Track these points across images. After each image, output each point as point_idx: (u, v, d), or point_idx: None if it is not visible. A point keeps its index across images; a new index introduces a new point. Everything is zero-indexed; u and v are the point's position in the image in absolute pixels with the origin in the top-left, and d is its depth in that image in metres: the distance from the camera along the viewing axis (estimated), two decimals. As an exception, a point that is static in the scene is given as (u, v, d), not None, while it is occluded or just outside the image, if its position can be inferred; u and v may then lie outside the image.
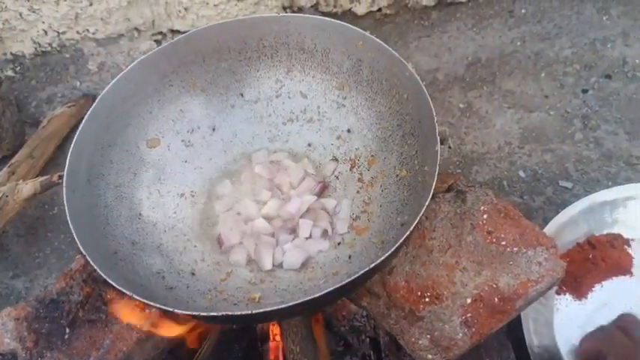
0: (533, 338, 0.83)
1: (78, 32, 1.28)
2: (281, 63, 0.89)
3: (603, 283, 0.90)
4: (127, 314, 0.72)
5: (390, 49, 0.78)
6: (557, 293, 0.89)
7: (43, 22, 1.25)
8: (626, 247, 0.92)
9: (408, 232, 0.63)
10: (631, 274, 0.90)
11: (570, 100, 1.22)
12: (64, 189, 0.69)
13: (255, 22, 0.85)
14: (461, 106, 1.25)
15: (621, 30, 1.31)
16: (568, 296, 0.89)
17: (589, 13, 1.35)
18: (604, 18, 1.33)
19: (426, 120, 0.73)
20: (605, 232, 0.94)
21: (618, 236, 0.93)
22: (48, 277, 1.06)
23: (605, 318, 0.86)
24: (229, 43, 0.86)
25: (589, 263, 0.90)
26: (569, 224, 0.93)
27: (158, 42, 1.32)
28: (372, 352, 0.89)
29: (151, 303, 0.59)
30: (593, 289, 0.89)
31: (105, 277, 0.61)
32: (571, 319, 0.87)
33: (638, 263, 0.90)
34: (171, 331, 0.72)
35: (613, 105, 1.20)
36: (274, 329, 0.89)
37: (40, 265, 1.08)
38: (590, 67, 1.26)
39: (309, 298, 0.58)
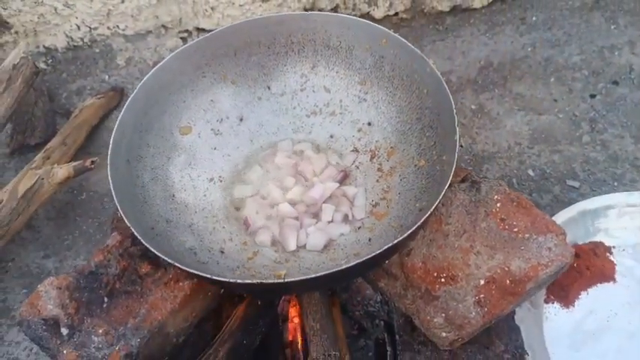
0: (525, 346, 0.86)
1: (109, 28, 1.34)
2: (307, 58, 0.94)
3: (589, 290, 0.93)
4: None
5: (412, 46, 0.84)
6: (546, 302, 0.92)
7: (77, 18, 1.31)
8: (608, 254, 0.95)
9: (427, 215, 0.68)
10: (614, 280, 0.93)
11: (578, 104, 1.27)
12: (109, 167, 0.75)
13: (284, 20, 0.91)
14: (473, 107, 1.30)
15: (628, 39, 1.36)
16: (556, 305, 0.92)
17: (597, 22, 1.40)
18: (612, 27, 1.39)
19: (445, 113, 0.78)
20: (588, 240, 0.97)
21: (600, 244, 0.96)
22: (76, 259, 1.11)
23: (592, 324, 0.90)
24: (260, 38, 0.92)
25: (574, 272, 0.93)
26: (566, 234, 0.97)
27: (184, 39, 1.38)
28: (385, 335, 0.94)
29: (193, 271, 0.64)
30: (580, 296, 0.92)
31: (149, 246, 0.66)
32: (560, 326, 0.90)
33: (621, 270, 0.94)
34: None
35: (619, 110, 1.25)
36: (293, 311, 0.94)
37: (69, 247, 1.13)
38: (598, 73, 1.31)
39: (336, 269, 0.63)
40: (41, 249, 1.13)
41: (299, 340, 0.90)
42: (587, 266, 0.94)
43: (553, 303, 0.93)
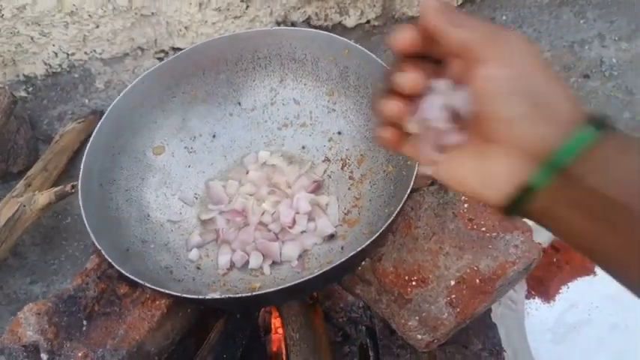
0: (506, 344, 0.86)
1: (86, 53, 1.36)
2: (274, 73, 0.96)
3: (569, 284, 0.94)
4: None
5: (373, 55, 0.85)
6: (527, 298, 0.93)
7: (53, 45, 1.33)
8: None
9: (390, 220, 0.70)
10: (594, 273, 0.94)
11: (551, 99, 1.29)
12: (80, 193, 0.76)
13: (249, 36, 0.93)
14: (448, 109, 1.31)
15: (597, 32, 1.38)
16: (537, 300, 0.93)
17: (566, 17, 1.42)
18: (581, 21, 1.41)
19: (407, 119, 0.79)
20: None
21: None
22: (63, 282, 1.13)
23: (574, 318, 0.91)
24: (226, 55, 0.94)
25: (554, 267, 0.94)
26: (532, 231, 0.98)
27: (161, 59, 1.40)
28: (368, 340, 0.95)
29: (162, 290, 0.65)
30: (560, 291, 0.94)
31: (119, 269, 0.68)
32: (541, 321, 0.91)
33: None
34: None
35: (592, 103, 1.27)
36: (276, 322, 0.95)
37: (56, 272, 1.15)
38: (569, 68, 1.33)
39: (305, 278, 0.64)
40: (28, 275, 1.14)
41: (283, 351, 0.91)
42: (567, 260, 0.96)
43: (534, 298, 0.94)
